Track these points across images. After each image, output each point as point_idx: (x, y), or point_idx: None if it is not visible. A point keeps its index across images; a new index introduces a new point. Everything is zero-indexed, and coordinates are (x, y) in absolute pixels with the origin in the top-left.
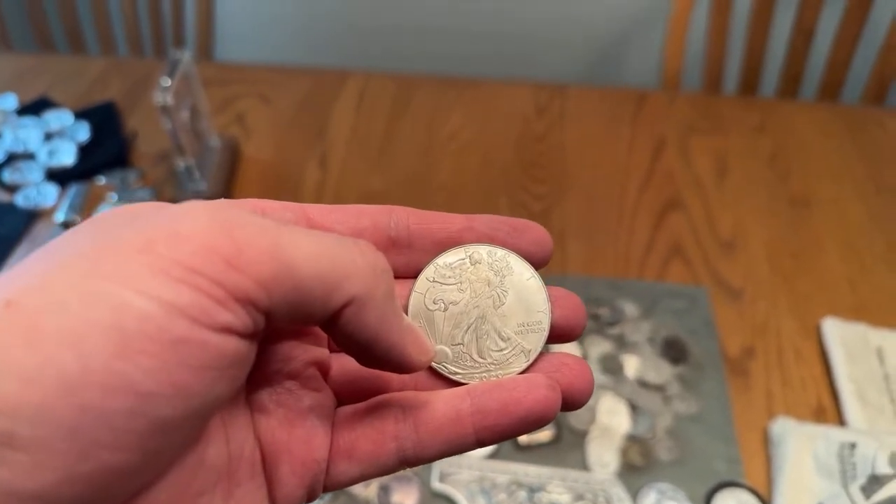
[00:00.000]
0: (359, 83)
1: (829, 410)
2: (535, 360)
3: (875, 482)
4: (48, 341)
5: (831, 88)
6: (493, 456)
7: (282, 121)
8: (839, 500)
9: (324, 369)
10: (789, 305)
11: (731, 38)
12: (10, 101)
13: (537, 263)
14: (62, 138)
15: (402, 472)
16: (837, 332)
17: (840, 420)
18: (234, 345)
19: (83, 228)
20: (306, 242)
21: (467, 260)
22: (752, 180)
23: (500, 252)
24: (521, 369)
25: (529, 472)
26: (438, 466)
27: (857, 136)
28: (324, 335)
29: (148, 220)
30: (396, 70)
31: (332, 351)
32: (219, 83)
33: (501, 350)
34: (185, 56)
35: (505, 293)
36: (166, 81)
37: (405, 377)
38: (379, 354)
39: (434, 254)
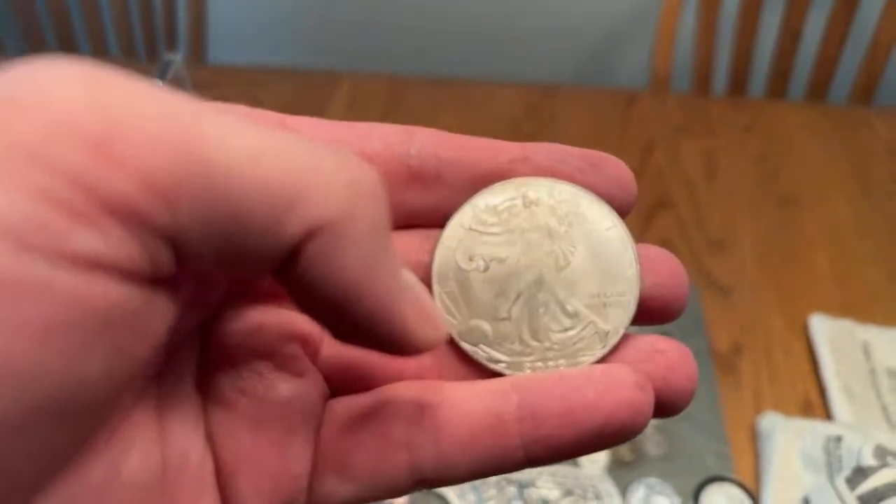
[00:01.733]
0: (350, 84)
1: (817, 405)
2: (616, 347)
3: (860, 474)
4: None
5: (819, 88)
6: None
7: None
8: (825, 493)
9: (311, 347)
10: (777, 303)
11: (719, 39)
12: None
13: (619, 210)
14: None
15: None
16: (824, 329)
17: (827, 414)
18: (107, 289)
19: None
20: (239, 132)
21: (520, 200)
22: (740, 180)
23: (567, 190)
24: (594, 359)
25: None
26: None
27: (844, 135)
28: None
29: None
30: (386, 70)
31: None
32: (211, 85)
33: (566, 330)
34: (177, 58)
35: (573, 249)
36: (158, 84)
37: (426, 362)
38: (361, 319)
39: (472, 192)
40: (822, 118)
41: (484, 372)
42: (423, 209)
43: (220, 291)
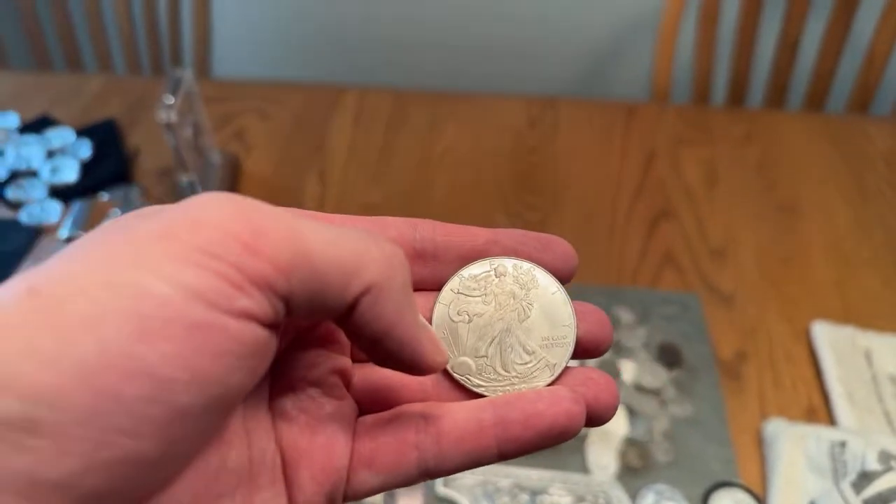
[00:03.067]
0: (355, 98)
1: (820, 411)
2: (560, 375)
3: (865, 478)
4: (68, 327)
5: (817, 98)
6: None
7: (281, 136)
8: (831, 497)
9: (346, 378)
10: (779, 310)
11: (719, 50)
12: (12, 120)
13: (562, 278)
14: (64, 156)
15: None
16: (827, 336)
17: (830, 420)
18: (253, 332)
19: (106, 226)
20: (323, 231)
21: (492, 272)
22: (740, 189)
23: (525, 265)
24: (545, 383)
25: (531, 475)
26: None
27: (842, 144)
28: (347, 344)
29: (167, 211)
30: (390, 84)
31: (354, 361)
32: (217, 100)
33: (526, 363)
34: (187, 74)
35: (530, 306)
36: (169, 99)
37: (427, 387)
38: (394, 348)
39: (459, 266)
40: (820, 127)
41: (470, 394)
42: (425, 278)
43: (286, 341)
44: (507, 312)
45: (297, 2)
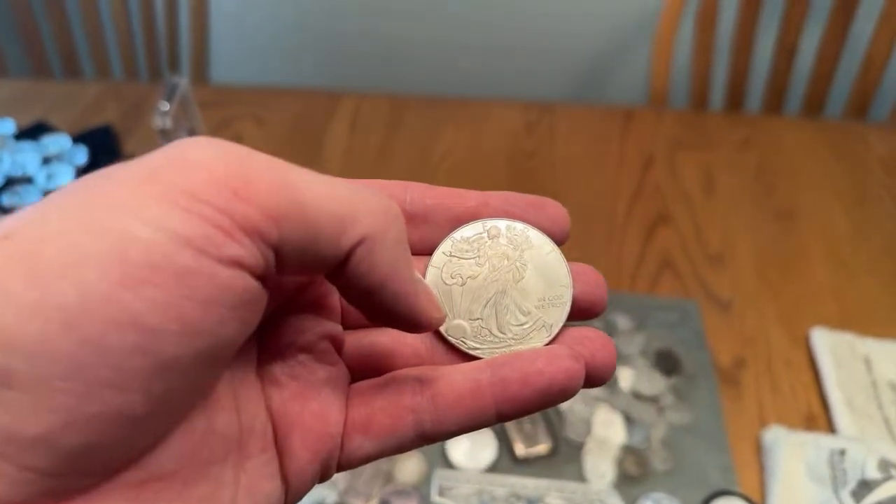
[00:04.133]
0: (352, 104)
1: (820, 418)
2: (557, 335)
3: (865, 487)
4: (46, 273)
5: (815, 103)
6: (491, 469)
7: (278, 142)
8: None
9: (337, 344)
10: (777, 316)
11: (716, 55)
12: (8, 126)
13: (556, 240)
14: (60, 162)
15: (401, 486)
16: (826, 342)
17: (830, 427)
18: (243, 281)
19: (87, 175)
20: (316, 180)
21: (485, 234)
22: (738, 194)
23: (518, 226)
24: (542, 344)
25: (528, 484)
26: (438, 480)
27: (840, 149)
28: (337, 309)
29: (151, 155)
30: (387, 89)
31: (345, 328)
32: (214, 105)
33: (522, 324)
34: (183, 80)
35: (524, 267)
36: (165, 105)
37: (422, 352)
38: (389, 303)
39: (450, 229)
40: (818, 133)
41: (466, 358)
42: (416, 241)
43: (273, 304)
44: (502, 274)
45: (293, 8)
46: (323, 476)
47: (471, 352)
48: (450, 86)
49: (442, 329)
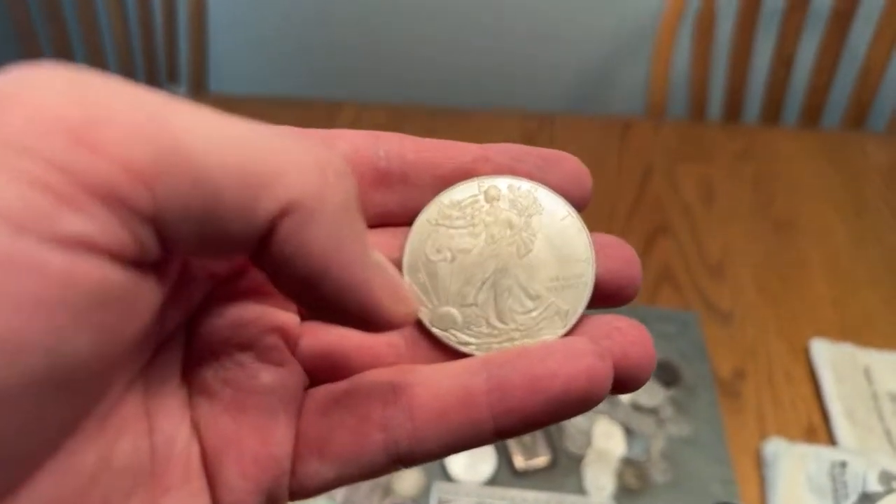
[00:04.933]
0: (351, 114)
1: (820, 430)
2: (576, 325)
3: (866, 500)
4: None
5: (812, 113)
6: (490, 482)
7: None
8: None
9: (290, 339)
10: (777, 327)
11: (714, 66)
12: None
13: (573, 204)
14: None
15: (399, 499)
16: (826, 353)
17: (830, 439)
18: (94, 269)
19: None
20: (210, 122)
21: (482, 196)
22: (737, 205)
23: (525, 185)
24: (556, 336)
25: (527, 497)
26: (437, 493)
27: (838, 159)
28: None
29: None
30: (386, 100)
31: (303, 319)
32: None
33: (529, 312)
34: (181, 90)
35: (532, 238)
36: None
37: (400, 349)
38: (333, 295)
39: (437, 191)
40: (816, 143)
41: (455, 355)
42: (391, 208)
43: (201, 289)
44: (503, 246)
45: (293, 18)
46: None
47: (462, 348)
48: (449, 96)
49: (425, 319)
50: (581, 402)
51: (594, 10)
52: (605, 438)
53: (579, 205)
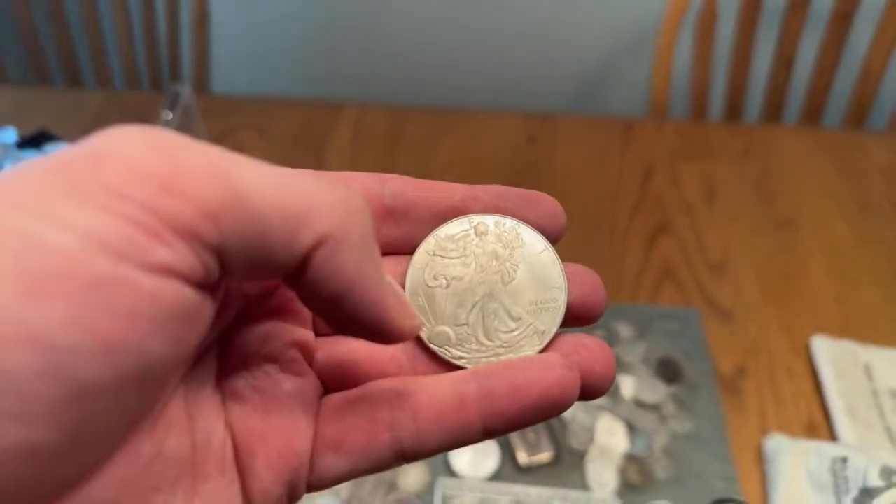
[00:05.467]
0: (354, 114)
1: (821, 426)
2: (550, 343)
3: (867, 495)
4: None
5: (813, 113)
6: (494, 477)
7: (279, 152)
8: None
9: (308, 353)
10: (779, 324)
11: (715, 66)
12: (10, 135)
13: (549, 238)
14: None
15: (404, 495)
16: (826, 350)
17: (831, 435)
18: (174, 290)
19: None
20: (261, 170)
21: (472, 231)
22: (739, 204)
23: (508, 222)
24: (534, 352)
25: (531, 493)
26: (441, 489)
27: (839, 158)
28: (308, 316)
29: (68, 148)
30: (388, 101)
31: (318, 335)
32: (216, 115)
33: (511, 331)
34: (186, 89)
35: (515, 268)
36: (168, 115)
37: (402, 362)
38: (355, 311)
39: (434, 226)
40: (817, 142)
41: (450, 367)
42: (395, 240)
43: (234, 308)
44: (490, 275)
45: (295, 18)
46: (291, 498)
47: (455, 361)
48: (451, 97)
49: (424, 336)
50: (554, 407)
51: (596, 11)
52: (607, 435)
53: (555, 238)
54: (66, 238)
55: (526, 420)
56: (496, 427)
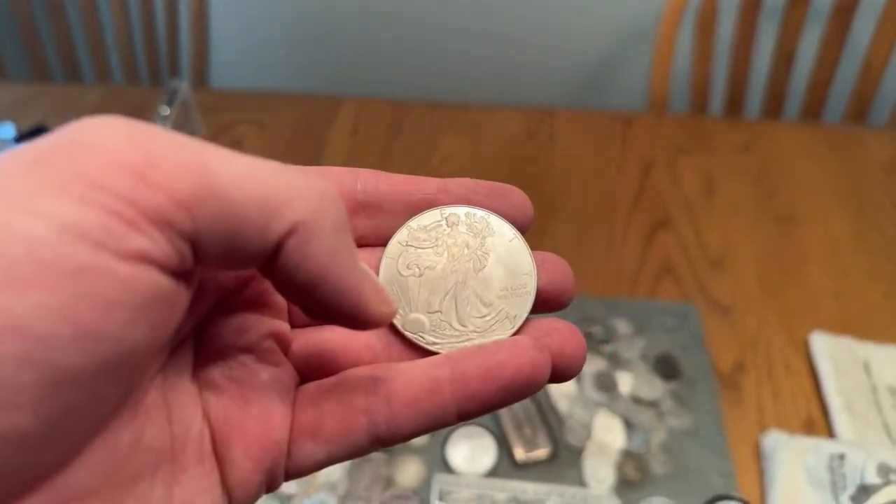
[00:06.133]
0: (352, 109)
1: (819, 423)
2: (522, 327)
3: (864, 492)
4: None
5: (814, 108)
6: (491, 474)
7: (278, 147)
8: None
9: (283, 343)
10: (778, 320)
11: (716, 61)
12: (9, 130)
13: (519, 229)
14: None
15: (401, 491)
16: (825, 347)
17: (829, 432)
18: (150, 278)
19: None
20: (236, 161)
21: (443, 222)
22: (738, 199)
23: (479, 213)
24: (506, 336)
25: (528, 489)
26: (438, 485)
27: (839, 154)
28: (283, 307)
29: (44, 138)
30: (387, 95)
31: (293, 327)
32: (215, 110)
33: (484, 316)
34: (184, 85)
35: (486, 256)
36: (165, 110)
37: (377, 350)
38: (330, 298)
39: (406, 218)
40: (818, 137)
41: (424, 353)
42: (369, 232)
43: (210, 299)
44: (462, 263)
45: (294, 14)
46: (269, 486)
47: (429, 347)
48: (450, 92)
49: (398, 323)
50: (526, 388)
51: (596, 5)
52: (605, 431)
53: (523, 228)
54: (43, 228)
55: (498, 401)
56: (469, 409)
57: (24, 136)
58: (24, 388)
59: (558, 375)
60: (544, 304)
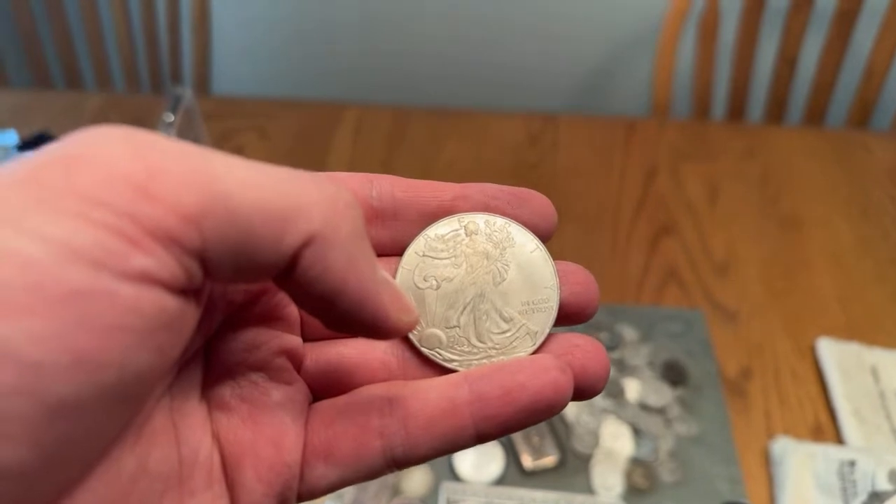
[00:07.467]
0: (355, 116)
1: (827, 429)
2: (544, 343)
3: (875, 499)
4: None
5: (816, 113)
6: (499, 481)
7: (280, 154)
8: None
9: (296, 360)
10: (783, 326)
11: (718, 66)
12: (11, 137)
13: (541, 237)
14: None
15: (408, 499)
16: (832, 352)
17: (838, 438)
18: (155, 299)
19: None
20: (243, 169)
21: (462, 231)
22: (742, 204)
23: (499, 221)
24: (527, 353)
25: (536, 497)
26: (445, 493)
27: (842, 158)
28: (295, 320)
29: (39, 151)
30: (390, 102)
31: (305, 340)
32: (217, 117)
33: (504, 332)
34: (187, 91)
35: (506, 267)
36: (169, 117)
37: (392, 366)
38: (349, 308)
39: (423, 226)
40: (821, 142)
41: (441, 371)
42: (384, 241)
43: (219, 315)
44: (480, 275)
45: (296, 20)
46: None
47: (447, 364)
48: (453, 98)
49: (415, 339)
50: (548, 409)
51: (598, 10)
52: (612, 438)
53: (546, 236)
54: (36, 249)
55: (519, 423)
56: (489, 431)
57: (26, 143)
58: (19, 419)
59: (580, 395)
60: (566, 317)
